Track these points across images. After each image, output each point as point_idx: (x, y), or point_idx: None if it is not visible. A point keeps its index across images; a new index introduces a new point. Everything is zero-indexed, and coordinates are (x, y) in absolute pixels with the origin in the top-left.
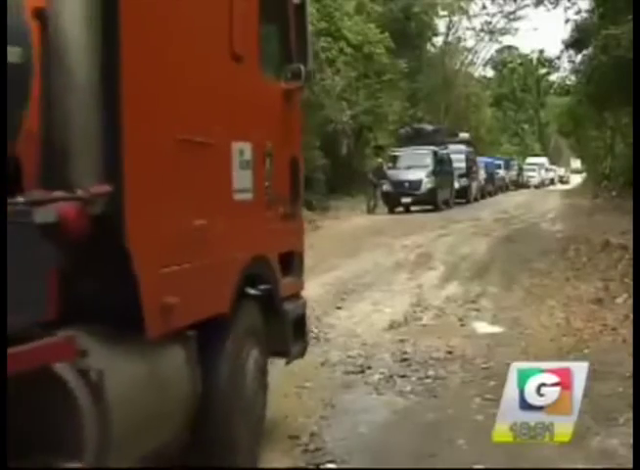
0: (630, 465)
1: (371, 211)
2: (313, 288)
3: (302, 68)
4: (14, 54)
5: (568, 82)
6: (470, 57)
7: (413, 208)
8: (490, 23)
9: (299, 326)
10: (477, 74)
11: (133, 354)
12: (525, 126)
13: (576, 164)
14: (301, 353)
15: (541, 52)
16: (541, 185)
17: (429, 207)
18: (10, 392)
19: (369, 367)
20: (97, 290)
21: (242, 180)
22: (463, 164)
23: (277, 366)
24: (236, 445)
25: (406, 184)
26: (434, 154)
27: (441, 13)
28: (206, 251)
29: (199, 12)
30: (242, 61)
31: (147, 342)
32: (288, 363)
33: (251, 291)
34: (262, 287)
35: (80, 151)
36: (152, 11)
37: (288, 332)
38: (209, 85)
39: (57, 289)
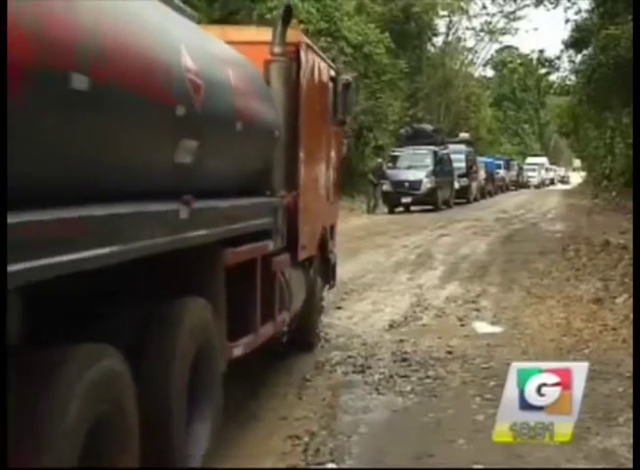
0: (630, 465)
1: (371, 211)
2: None
3: (347, 119)
4: (278, 133)
5: (568, 82)
6: (470, 57)
7: (413, 208)
8: (490, 23)
9: (334, 269)
10: (477, 74)
11: (293, 268)
12: (526, 126)
13: (577, 163)
14: (333, 286)
15: (541, 52)
16: (541, 185)
17: (429, 207)
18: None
19: (369, 367)
20: (286, 235)
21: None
22: (463, 164)
23: (277, 365)
24: (314, 323)
25: (406, 184)
26: (434, 154)
27: (441, 13)
28: (313, 221)
29: (316, 93)
30: (324, 116)
31: (297, 263)
32: (329, 289)
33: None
34: (322, 243)
35: (278, 173)
36: (307, 97)
37: (330, 271)
38: (317, 133)
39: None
